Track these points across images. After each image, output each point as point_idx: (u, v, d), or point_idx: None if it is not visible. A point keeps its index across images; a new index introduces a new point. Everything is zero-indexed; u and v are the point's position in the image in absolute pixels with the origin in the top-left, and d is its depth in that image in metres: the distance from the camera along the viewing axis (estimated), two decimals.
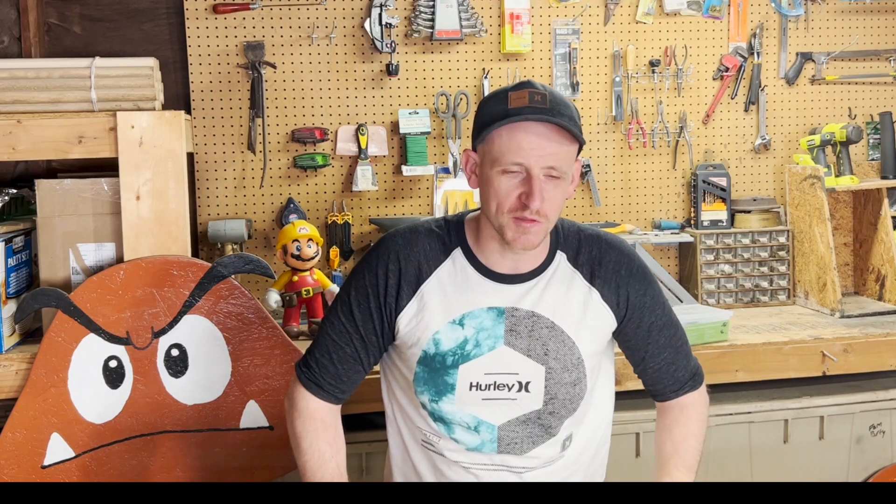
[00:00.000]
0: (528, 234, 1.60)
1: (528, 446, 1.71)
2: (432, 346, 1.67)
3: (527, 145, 1.58)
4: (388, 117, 3.09)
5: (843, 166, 3.11)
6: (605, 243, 1.77)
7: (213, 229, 2.88)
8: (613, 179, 3.25)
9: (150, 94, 2.40)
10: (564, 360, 1.69)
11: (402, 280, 1.69)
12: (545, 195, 1.59)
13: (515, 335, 1.67)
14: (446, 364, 1.67)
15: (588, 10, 3.18)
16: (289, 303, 2.69)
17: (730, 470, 2.63)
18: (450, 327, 1.67)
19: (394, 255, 1.70)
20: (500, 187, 1.60)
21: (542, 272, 1.71)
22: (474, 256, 1.70)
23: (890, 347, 2.68)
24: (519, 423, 1.69)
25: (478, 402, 1.68)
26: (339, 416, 1.79)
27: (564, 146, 1.61)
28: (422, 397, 1.70)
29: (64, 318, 2.23)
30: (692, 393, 1.85)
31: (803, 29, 3.32)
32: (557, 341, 1.68)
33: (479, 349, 1.67)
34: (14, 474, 2.21)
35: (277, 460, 2.31)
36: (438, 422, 1.71)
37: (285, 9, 3.00)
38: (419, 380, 1.70)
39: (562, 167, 1.61)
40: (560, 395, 1.69)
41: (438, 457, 1.75)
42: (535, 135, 1.58)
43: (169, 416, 2.27)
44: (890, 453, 2.74)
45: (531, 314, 1.68)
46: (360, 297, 1.71)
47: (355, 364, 1.74)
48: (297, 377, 1.78)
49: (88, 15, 2.96)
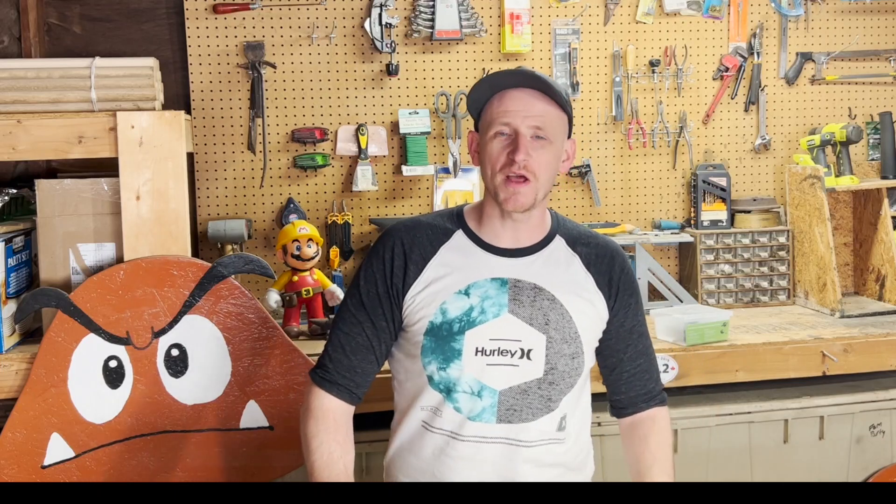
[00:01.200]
0: (518, 194, 1.71)
1: (526, 416, 1.74)
2: (439, 316, 1.74)
3: (513, 107, 1.71)
4: (388, 117, 3.09)
5: (843, 166, 3.11)
6: (602, 240, 1.87)
7: (213, 229, 2.88)
8: (613, 179, 3.25)
9: (150, 94, 2.40)
10: (564, 332, 1.75)
11: (407, 261, 1.77)
12: (531, 152, 1.70)
13: (519, 304, 1.74)
14: (453, 331, 1.73)
15: (588, 10, 3.18)
16: (289, 303, 2.69)
17: (730, 470, 2.63)
18: (456, 297, 1.74)
19: (398, 240, 1.79)
20: (493, 150, 1.73)
21: (542, 248, 1.80)
22: (476, 235, 1.80)
23: (890, 347, 2.68)
24: (520, 391, 1.73)
25: (482, 367, 1.73)
26: (352, 420, 1.81)
27: (551, 109, 1.73)
28: (429, 367, 1.75)
29: (64, 318, 2.23)
30: (661, 408, 1.89)
31: (803, 29, 3.32)
32: (557, 314, 1.75)
33: (484, 316, 1.73)
34: (14, 474, 2.21)
35: (277, 460, 2.31)
36: (443, 392, 1.75)
37: (285, 9, 3.00)
38: (426, 350, 1.74)
39: (548, 128, 1.72)
40: (559, 367, 1.74)
41: (439, 436, 1.76)
42: (520, 98, 1.72)
43: (169, 416, 2.27)
44: (890, 453, 2.74)
45: (533, 286, 1.76)
46: (368, 285, 1.78)
47: (368, 353, 1.78)
48: (311, 381, 1.81)
49: (88, 15, 2.96)
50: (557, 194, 3.21)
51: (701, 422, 2.61)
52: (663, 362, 2.52)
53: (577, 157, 3.17)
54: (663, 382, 1.95)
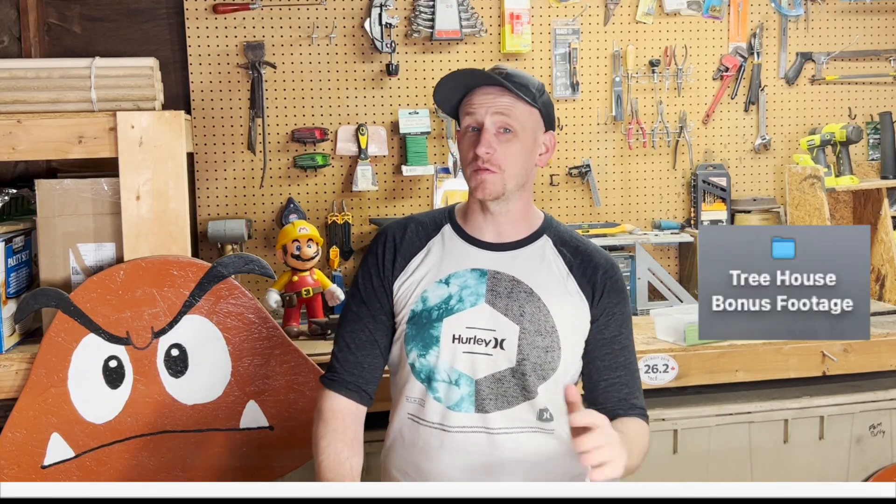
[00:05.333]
0: (485, 183, 1.75)
1: (503, 404, 1.77)
2: (420, 304, 1.80)
3: (479, 101, 1.77)
4: (388, 117, 3.09)
5: (843, 166, 3.11)
6: (592, 248, 1.88)
7: (213, 229, 2.88)
8: (613, 179, 3.25)
9: (150, 94, 2.40)
10: (538, 325, 1.78)
11: (397, 254, 1.84)
12: (495, 146, 1.75)
13: (496, 295, 1.78)
14: (432, 318, 1.79)
15: (588, 10, 3.18)
16: (289, 303, 2.70)
17: (730, 470, 2.63)
18: (436, 286, 1.80)
19: (390, 235, 1.87)
20: (463, 146, 1.81)
21: (526, 245, 1.84)
22: (461, 229, 1.86)
23: (890, 347, 2.68)
24: (495, 379, 1.77)
25: (459, 354, 1.77)
26: (362, 424, 1.83)
27: (517, 102, 1.76)
28: (410, 355, 1.80)
29: (64, 318, 2.23)
30: (641, 420, 1.83)
31: (803, 29, 3.32)
32: (533, 307, 1.78)
33: (461, 304, 1.78)
34: (14, 474, 2.21)
35: (277, 460, 2.31)
36: (424, 381, 1.79)
37: (285, 9, 3.00)
38: (408, 338, 1.80)
39: (515, 120, 1.76)
40: (531, 358, 1.76)
41: (425, 427, 1.79)
42: (486, 93, 1.77)
43: (169, 416, 2.27)
44: (890, 453, 2.74)
45: (512, 279, 1.80)
46: (366, 281, 1.86)
47: (373, 348, 1.83)
48: (321, 385, 1.85)
49: (88, 15, 2.96)
50: (557, 194, 3.21)
51: (701, 422, 2.61)
52: (663, 362, 2.52)
53: (577, 157, 3.21)
54: (663, 382, 1.95)
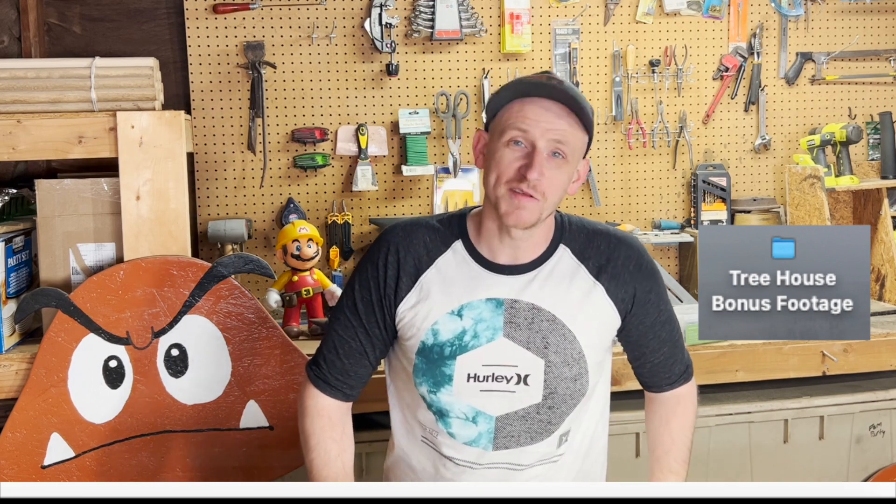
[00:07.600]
0: (522, 210, 1.59)
1: (525, 441, 1.69)
2: (431, 337, 1.66)
3: (534, 116, 1.59)
4: (388, 117, 3.09)
5: (843, 166, 3.11)
6: (614, 238, 1.74)
7: (213, 229, 2.88)
8: (613, 179, 3.25)
9: (150, 94, 2.40)
10: (565, 355, 1.66)
11: (400, 271, 1.68)
12: (546, 172, 1.59)
13: (514, 327, 1.65)
14: (444, 355, 1.65)
15: (588, 10, 3.18)
16: (289, 303, 2.69)
17: (730, 470, 2.63)
18: (448, 318, 1.66)
19: (393, 247, 1.70)
20: (503, 158, 1.60)
21: (543, 264, 1.69)
22: (474, 248, 1.69)
23: (890, 347, 2.68)
24: (518, 417, 1.67)
25: (476, 393, 1.66)
26: (349, 415, 1.79)
27: (574, 129, 1.62)
28: (421, 388, 1.69)
29: (64, 318, 2.23)
30: (686, 385, 1.87)
31: (803, 29, 3.32)
32: (558, 335, 1.66)
33: (476, 340, 1.65)
34: (14, 474, 2.21)
35: (277, 460, 2.31)
36: (437, 415, 1.70)
37: (285, 9, 3.00)
38: (418, 371, 1.68)
39: (568, 147, 1.61)
40: (560, 390, 1.67)
41: (437, 454, 1.74)
42: (545, 109, 1.59)
43: (169, 416, 2.27)
44: (890, 453, 2.74)
45: (531, 306, 1.66)
46: (363, 290, 1.72)
47: (361, 358, 1.74)
48: (306, 377, 1.78)
49: (88, 15, 2.96)
50: None
51: (701, 422, 2.60)
52: None
53: None
54: None
